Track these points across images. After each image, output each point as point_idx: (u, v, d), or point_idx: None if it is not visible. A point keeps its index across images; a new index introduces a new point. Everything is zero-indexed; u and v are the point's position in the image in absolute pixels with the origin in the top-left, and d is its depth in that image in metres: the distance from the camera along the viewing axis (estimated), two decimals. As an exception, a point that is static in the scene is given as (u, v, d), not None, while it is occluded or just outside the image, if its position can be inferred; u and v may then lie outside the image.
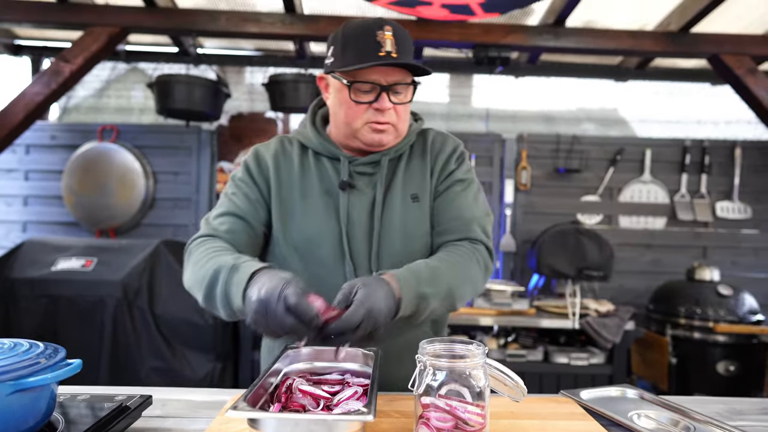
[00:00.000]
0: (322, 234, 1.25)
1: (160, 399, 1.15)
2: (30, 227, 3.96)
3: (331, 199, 1.27)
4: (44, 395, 0.83)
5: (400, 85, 1.19)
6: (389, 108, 1.20)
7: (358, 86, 1.19)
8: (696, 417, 1.07)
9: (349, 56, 1.17)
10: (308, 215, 1.26)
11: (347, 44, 1.18)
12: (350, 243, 1.24)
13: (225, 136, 3.92)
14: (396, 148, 1.30)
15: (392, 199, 1.27)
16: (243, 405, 0.79)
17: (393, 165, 1.31)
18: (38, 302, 2.97)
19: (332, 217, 1.25)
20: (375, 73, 1.17)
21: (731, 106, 4.11)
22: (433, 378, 0.84)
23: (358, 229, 1.25)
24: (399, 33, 1.18)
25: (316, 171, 1.30)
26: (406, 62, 1.16)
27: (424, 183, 1.30)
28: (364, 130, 1.23)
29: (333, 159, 1.30)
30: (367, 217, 1.26)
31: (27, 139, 3.84)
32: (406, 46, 1.19)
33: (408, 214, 1.27)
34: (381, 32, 1.15)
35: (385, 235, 1.25)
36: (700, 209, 3.96)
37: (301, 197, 1.28)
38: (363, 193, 1.27)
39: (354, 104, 1.20)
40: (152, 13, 3.06)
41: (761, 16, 3.12)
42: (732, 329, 3.15)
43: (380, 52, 1.14)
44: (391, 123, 1.22)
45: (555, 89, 4.21)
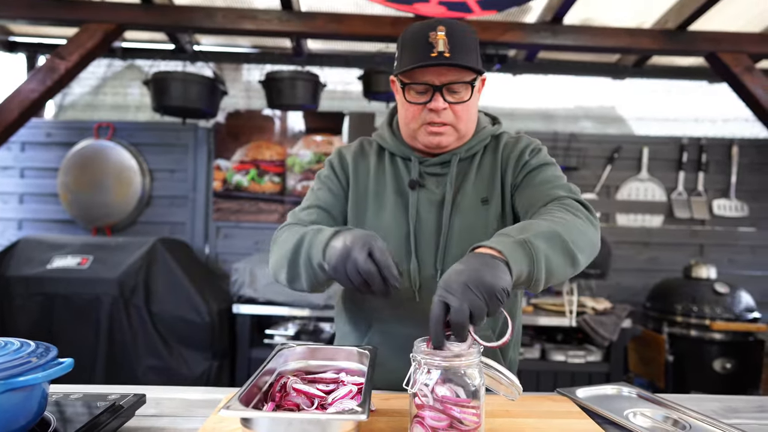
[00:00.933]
0: (390, 230, 1.27)
1: (154, 398, 1.14)
2: (26, 225, 3.94)
3: (402, 198, 1.29)
4: (35, 394, 0.82)
5: (455, 84, 1.18)
6: (443, 108, 1.19)
7: (412, 87, 1.20)
8: (692, 415, 1.07)
9: (405, 58, 1.19)
10: (379, 212, 1.29)
11: (404, 47, 1.21)
12: (417, 241, 1.26)
13: (222, 134, 3.91)
14: (467, 147, 1.29)
15: (462, 200, 1.27)
16: (236, 404, 0.78)
17: (464, 166, 1.31)
18: (34, 300, 2.96)
19: (402, 214, 1.28)
20: (428, 73, 1.18)
21: (728, 104, 4.11)
22: (428, 377, 0.83)
23: (426, 227, 1.26)
24: (453, 32, 1.17)
25: (390, 170, 1.32)
26: (453, 62, 1.14)
27: (494, 186, 1.29)
28: (421, 132, 1.24)
29: (405, 159, 1.32)
30: (436, 216, 1.27)
31: (22, 137, 3.83)
32: (463, 45, 1.17)
33: (477, 216, 1.26)
34: (434, 33, 1.16)
35: (452, 235, 1.25)
36: (697, 207, 3.96)
37: (374, 195, 1.31)
38: (432, 192, 1.28)
39: (410, 105, 1.23)
40: (148, 10, 3.04)
41: (759, 14, 3.12)
42: (729, 327, 3.16)
43: (432, 53, 1.14)
44: (449, 123, 1.22)
45: (552, 87, 4.20)
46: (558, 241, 0.99)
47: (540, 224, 1.02)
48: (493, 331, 1.28)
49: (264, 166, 3.90)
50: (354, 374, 1.05)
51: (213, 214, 3.93)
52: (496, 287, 0.85)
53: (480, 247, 0.95)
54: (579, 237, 1.04)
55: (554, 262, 0.98)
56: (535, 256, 0.94)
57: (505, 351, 1.34)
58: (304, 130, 3.93)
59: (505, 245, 0.93)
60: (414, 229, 1.26)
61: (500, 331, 1.30)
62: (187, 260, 3.37)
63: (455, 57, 1.15)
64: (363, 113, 3.94)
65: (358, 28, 3.09)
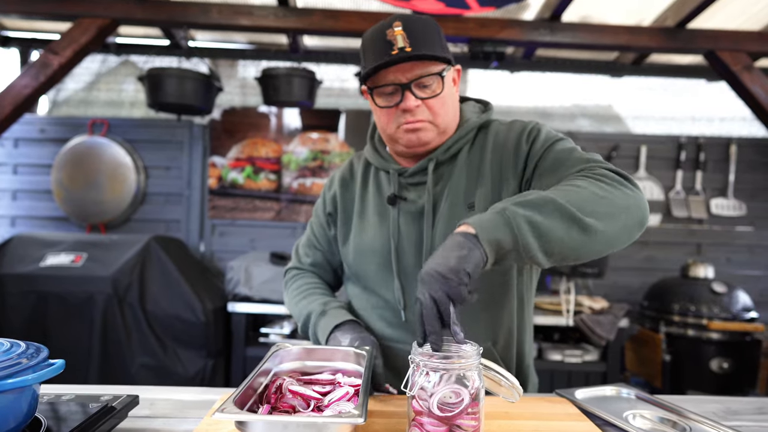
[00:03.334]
0: (373, 250, 1.23)
1: (147, 398, 1.13)
2: (19, 222, 3.91)
3: (383, 215, 1.24)
4: (25, 396, 0.81)
5: (424, 78, 1.11)
6: (416, 106, 1.12)
7: (380, 90, 1.14)
8: (691, 417, 1.05)
9: (367, 62, 1.13)
10: (364, 231, 1.26)
11: (365, 50, 1.15)
12: (399, 258, 1.20)
13: (217, 131, 3.89)
14: (444, 148, 1.19)
15: (444, 208, 1.17)
16: (231, 407, 0.77)
17: (445, 170, 1.20)
18: (27, 298, 2.93)
19: (384, 232, 1.22)
20: (393, 72, 1.11)
21: (727, 102, 4.11)
22: (427, 379, 0.82)
23: (407, 242, 1.20)
24: (411, 26, 1.10)
25: (373, 186, 1.28)
26: (414, 54, 1.07)
27: (482, 187, 1.16)
28: (400, 133, 1.16)
29: (386, 172, 1.27)
30: (417, 229, 1.20)
31: (15, 133, 3.79)
32: (424, 36, 1.10)
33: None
34: (390, 30, 1.10)
35: (435, 248, 1.10)
36: (694, 206, 3.96)
37: (359, 214, 1.28)
38: (414, 203, 1.21)
39: (381, 110, 1.16)
40: (143, 5, 3.01)
41: (758, 12, 3.11)
42: (726, 326, 3.15)
43: (392, 51, 1.08)
44: (426, 120, 1.14)
45: (550, 85, 4.19)
46: (551, 206, 0.88)
47: (530, 193, 0.92)
48: (493, 344, 1.22)
49: (260, 163, 3.88)
50: (351, 375, 1.04)
51: (208, 211, 3.90)
52: (455, 269, 0.80)
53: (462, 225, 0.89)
54: (588, 200, 0.91)
55: (546, 225, 0.87)
56: (515, 224, 0.85)
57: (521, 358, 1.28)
58: (300, 127, 3.91)
59: (479, 218, 0.87)
60: (396, 246, 1.20)
61: (504, 343, 1.23)
62: (182, 258, 3.35)
63: (416, 50, 1.08)
64: (359, 110, 3.92)
65: (354, 25, 3.06)
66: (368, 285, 1.26)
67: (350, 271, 1.31)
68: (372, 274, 1.25)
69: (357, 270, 1.28)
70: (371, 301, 1.27)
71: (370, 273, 1.25)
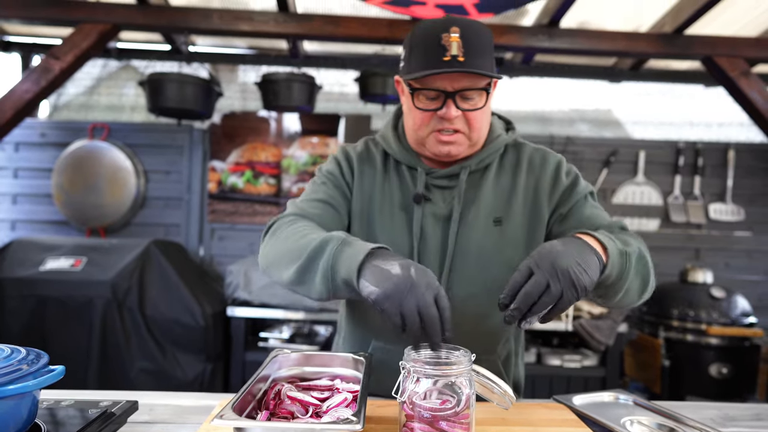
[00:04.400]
0: (394, 246, 1.16)
1: (147, 404, 1.13)
2: (19, 226, 3.91)
3: (406, 212, 1.20)
4: (26, 402, 0.81)
5: (470, 90, 1.09)
6: (456, 116, 1.10)
7: (422, 93, 1.11)
8: (689, 423, 1.06)
9: (414, 62, 1.10)
10: (383, 224, 1.21)
11: (413, 48, 1.11)
12: (420, 259, 1.18)
13: (217, 135, 3.89)
14: (478, 159, 1.20)
15: (471, 218, 1.18)
16: (229, 413, 0.77)
17: (475, 179, 1.21)
18: (26, 302, 2.93)
19: (406, 229, 1.19)
20: (440, 79, 1.08)
21: (724, 107, 4.12)
22: (418, 385, 0.82)
23: (430, 244, 1.18)
24: (468, 34, 1.07)
25: (396, 180, 1.24)
26: (468, 69, 1.05)
27: (512, 206, 1.19)
28: (431, 140, 1.15)
29: (412, 168, 1.23)
30: (441, 233, 1.18)
31: (16, 137, 3.80)
32: (479, 47, 1.08)
33: (487, 237, 1.17)
34: (447, 35, 1.06)
35: (459, 256, 1.16)
36: (693, 211, 3.97)
37: (379, 205, 1.23)
38: (439, 207, 1.20)
39: (418, 112, 1.13)
40: (144, 11, 3.03)
41: (755, 18, 3.13)
42: (725, 332, 3.16)
43: (445, 57, 1.05)
44: (461, 132, 1.13)
45: (549, 90, 4.20)
46: (644, 269, 1.04)
47: (631, 242, 1.04)
48: (499, 357, 1.25)
49: (259, 167, 3.89)
50: (349, 381, 1.04)
51: (208, 215, 3.91)
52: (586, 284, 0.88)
53: (585, 234, 0.98)
54: (652, 270, 1.08)
55: (633, 286, 1.02)
56: (627, 272, 0.98)
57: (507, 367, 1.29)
58: (299, 131, 3.92)
59: (611, 245, 0.96)
60: (418, 246, 1.18)
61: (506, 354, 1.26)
62: (182, 262, 3.35)
63: (470, 62, 1.05)
64: (359, 115, 3.94)
65: (354, 30, 3.08)
66: None
67: None
68: None
69: None
70: None
71: None
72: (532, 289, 0.87)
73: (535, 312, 0.88)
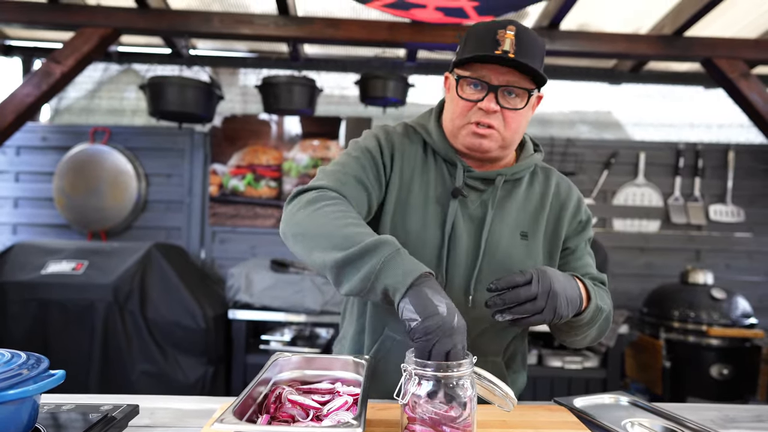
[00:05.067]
0: (425, 236, 1.18)
1: (148, 408, 1.13)
2: (20, 229, 3.92)
3: (440, 205, 1.20)
4: (26, 407, 0.81)
5: (513, 87, 1.11)
6: (495, 110, 1.11)
7: (467, 81, 1.13)
8: (689, 425, 1.06)
9: (467, 50, 1.12)
10: (417, 215, 1.19)
11: (468, 40, 1.14)
12: (449, 253, 1.18)
13: (218, 138, 3.90)
14: (513, 170, 1.23)
15: (501, 227, 1.21)
16: (230, 417, 0.77)
17: (507, 190, 1.24)
18: (28, 306, 2.94)
19: (438, 223, 1.19)
20: (487, 69, 1.10)
21: (724, 109, 4.12)
22: (419, 387, 0.83)
23: (459, 243, 1.19)
24: (523, 35, 1.10)
25: (435, 171, 1.23)
26: (517, 61, 1.07)
27: (538, 224, 1.24)
28: (465, 131, 1.16)
29: (450, 163, 1.23)
30: (472, 234, 1.20)
31: (17, 141, 3.81)
32: (531, 50, 1.09)
33: (514, 249, 1.21)
34: (503, 31, 1.09)
35: (488, 262, 1.19)
36: (693, 212, 3.97)
37: (417, 194, 1.21)
38: (471, 208, 1.21)
39: (460, 100, 1.14)
40: (144, 14, 3.04)
41: (754, 20, 3.13)
42: (725, 333, 3.15)
43: (497, 50, 1.07)
44: (496, 128, 1.14)
45: (549, 92, 4.17)
46: (605, 326, 1.22)
47: (606, 301, 1.21)
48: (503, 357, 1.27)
49: (260, 170, 3.89)
50: (350, 384, 1.04)
51: (209, 218, 3.92)
52: (563, 315, 1.04)
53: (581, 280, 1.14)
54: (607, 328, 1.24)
55: (591, 335, 1.21)
56: (593, 323, 1.16)
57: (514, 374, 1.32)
58: (300, 134, 3.92)
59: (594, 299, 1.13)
60: (448, 242, 1.18)
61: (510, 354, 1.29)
62: (183, 265, 3.36)
63: (520, 58, 1.07)
64: (359, 118, 3.94)
65: (354, 33, 3.08)
66: None
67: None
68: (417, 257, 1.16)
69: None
70: None
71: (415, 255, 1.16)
72: (524, 293, 0.99)
73: (513, 312, 1.00)
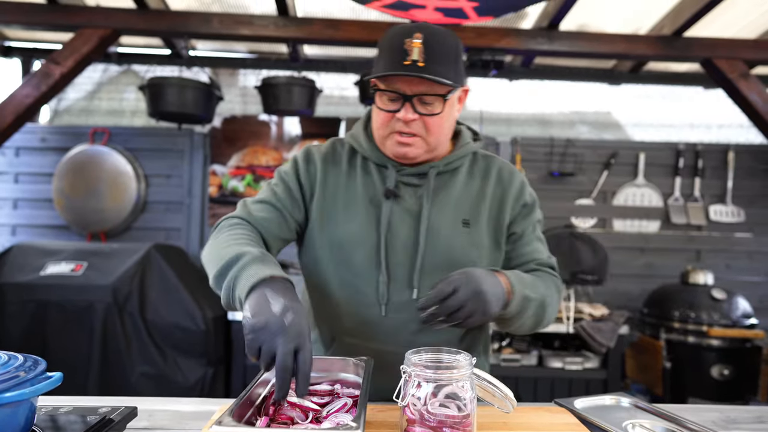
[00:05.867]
0: (359, 240, 1.20)
1: (146, 410, 1.13)
2: (20, 231, 3.92)
3: (374, 207, 1.23)
4: (23, 409, 0.81)
5: (427, 96, 1.13)
6: (412, 119, 1.14)
7: (384, 94, 1.16)
8: (691, 426, 1.05)
9: (379, 63, 1.15)
10: (348, 219, 1.22)
11: (381, 50, 1.17)
12: (388, 253, 1.20)
13: (218, 139, 3.90)
14: (446, 161, 1.25)
15: (440, 218, 1.22)
16: (228, 419, 0.77)
17: (445, 180, 1.26)
18: (27, 307, 2.93)
19: (372, 224, 1.21)
20: (399, 82, 1.13)
21: (724, 109, 4.12)
22: (418, 389, 0.82)
23: (398, 239, 1.20)
24: (431, 40, 1.11)
25: (362, 176, 1.26)
26: (422, 74, 1.09)
27: (479, 212, 1.25)
28: (390, 141, 1.20)
29: (381, 166, 1.26)
30: (410, 230, 1.21)
31: (17, 142, 3.80)
32: (441, 54, 1.11)
33: (456, 238, 1.22)
34: (409, 40, 1.10)
35: (430, 254, 1.20)
36: (693, 213, 3.96)
37: (344, 201, 1.24)
38: (407, 203, 1.23)
39: (380, 111, 1.18)
40: (144, 15, 3.03)
41: (754, 20, 3.13)
42: (726, 333, 3.15)
43: (405, 61, 1.09)
44: (418, 135, 1.17)
45: (549, 92, 4.20)
46: (541, 312, 1.20)
47: (539, 289, 1.19)
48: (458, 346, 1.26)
49: (260, 171, 3.89)
50: (349, 386, 1.04)
51: (209, 219, 3.91)
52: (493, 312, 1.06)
53: (501, 274, 1.13)
54: (551, 313, 1.25)
55: (526, 323, 1.20)
56: (523, 313, 1.16)
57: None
58: (300, 135, 3.92)
59: (518, 290, 1.12)
60: (385, 240, 1.20)
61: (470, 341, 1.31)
62: (183, 266, 3.35)
63: (428, 68, 1.09)
64: (359, 118, 3.93)
65: (354, 34, 3.08)
66: (347, 276, 1.22)
67: (330, 258, 1.23)
68: (356, 264, 1.21)
69: (340, 258, 1.23)
70: (348, 293, 1.22)
71: (354, 263, 1.21)
72: (453, 302, 1.02)
73: (448, 321, 1.04)
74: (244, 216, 1.22)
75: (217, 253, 1.10)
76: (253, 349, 0.87)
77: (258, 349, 0.86)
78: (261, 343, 0.86)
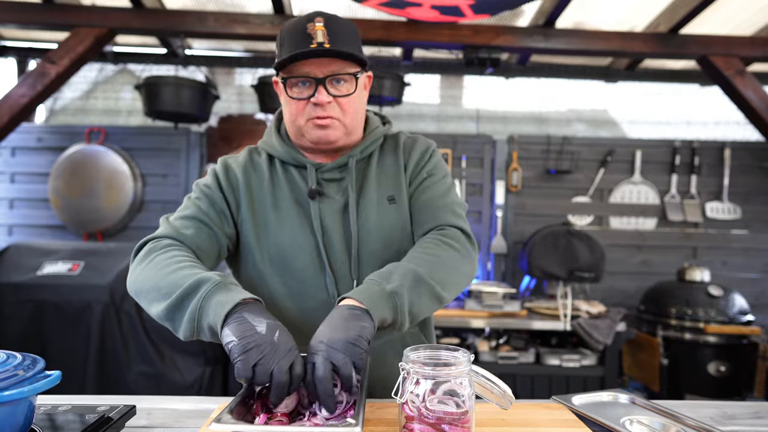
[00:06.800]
0: (297, 246, 1.19)
1: (145, 408, 1.13)
2: (16, 230, 3.90)
3: (303, 209, 1.21)
4: (21, 408, 0.81)
5: (339, 75, 1.13)
6: (328, 101, 1.14)
7: (293, 81, 1.15)
8: (688, 422, 1.06)
9: (283, 53, 1.14)
10: (282, 227, 1.20)
11: (283, 42, 1.16)
12: (328, 253, 1.19)
13: (214, 138, 3.89)
14: (361, 148, 1.25)
15: (367, 202, 1.22)
16: (227, 417, 0.77)
17: (363, 167, 1.27)
18: (24, 307, 2.92)
19: (306, 227, 1.20)
20: (309, 65, 1.12)
21: (720, 107, 4.14)
22: (417, 386, 0.82)
23: (334, 238, 1.20)
24: (333, 24, 1.13)
25: (284, 180, 1.24)
26: (333, 50, 1.10)
27: (399, 183, 1.25)
28: (308, 127, 1.18)
29: (300, 167, 1.25)
30: (342, 224, 1.21)
31: (13, 142, 3.79)
32: (344, 36, 1.13)
33: (385, 216, 1.22)
34: (311, 24, 1.12)
35: (363, 240, 1.20)
36: (690, 210, 3.98)
37: (273, 209, 1.22)
38: (334, 199, 1.22)
39: (292, 101, 1.16)
40: (139, 14, 3.03)
41: (749, 17, 3.14)
42: (722, 330, 3.16)
43: (311, 44, 1.10)
44: (335, 117, 1.16)
45: (545, 90, 4.21)
46: (424, 287, 1.05)
47: (407, 269, 1.06)
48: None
49: (257, 170, 3.88)
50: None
51: (206, 218, 3.90)
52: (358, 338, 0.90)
53: (346, 298, 1.00)
54: (449, 275, 1.11)
55: (419, 306, 1.05)
56: (400, 307, 1.01)
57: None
58: (297, 134, 3.91)
59: (370, 297, 0.99)
60: (322, 241, 1.19)
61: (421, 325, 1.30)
62: (180, 266, 3.34)
63: (335, 47, 1.11)
64: (356, 117, 3.93)
65: (350, 32, 3.08)
66: (294, 285, 1.20)
67: (273, 271, 1.20)
68: (299, 271, 1.19)
69: (283, 269, 1.20)
70: (297, 301, 1.20)
71: (297, 270, 1.20)
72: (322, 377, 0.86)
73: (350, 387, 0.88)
74: (172, 235, 1.14)
75: (160, 281, 1.02)
76: (245, 370, 0.84)
77: (251, 369, 0.84)
78: (254, 363, 0.84)
